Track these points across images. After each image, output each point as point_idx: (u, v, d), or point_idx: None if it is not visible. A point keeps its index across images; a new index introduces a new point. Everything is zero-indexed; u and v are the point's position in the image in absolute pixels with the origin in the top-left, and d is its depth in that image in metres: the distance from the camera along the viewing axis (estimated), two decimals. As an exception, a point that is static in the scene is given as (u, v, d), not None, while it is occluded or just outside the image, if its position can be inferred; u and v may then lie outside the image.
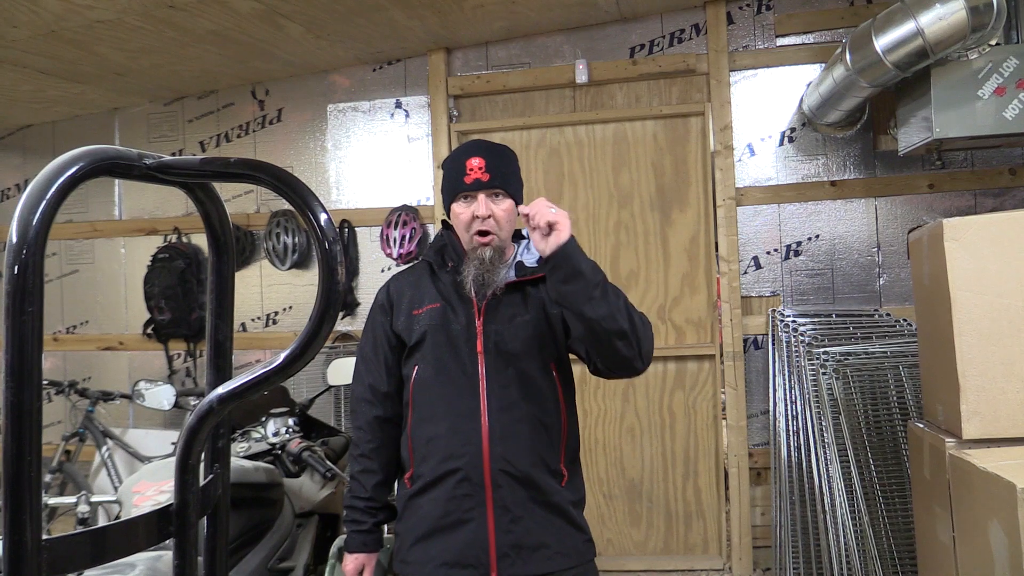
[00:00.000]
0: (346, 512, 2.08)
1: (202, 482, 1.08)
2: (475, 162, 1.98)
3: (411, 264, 2.24)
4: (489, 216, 1.98)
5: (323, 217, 0.92)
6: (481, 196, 1.98)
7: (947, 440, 2.10)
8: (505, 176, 2.02)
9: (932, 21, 2.79)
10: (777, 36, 4.05)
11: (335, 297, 0.91)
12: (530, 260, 2.08)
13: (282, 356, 0.92)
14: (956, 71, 3.02)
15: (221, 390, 0.96)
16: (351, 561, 2.05)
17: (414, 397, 2.02)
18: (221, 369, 1.14)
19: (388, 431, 2.07)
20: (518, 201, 2.04)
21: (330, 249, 0.91)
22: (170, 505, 0.98)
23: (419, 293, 2.07)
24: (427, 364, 2.00)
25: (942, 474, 2.12)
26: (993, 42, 2.98)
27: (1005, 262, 2.05)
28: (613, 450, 4.19)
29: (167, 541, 1.00)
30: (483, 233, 1.99)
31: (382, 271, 4.38)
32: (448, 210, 2.08)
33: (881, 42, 2.92)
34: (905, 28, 2.84)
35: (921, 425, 2.35)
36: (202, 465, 1.10)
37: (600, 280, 1.83)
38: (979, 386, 2.04)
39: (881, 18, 2.95)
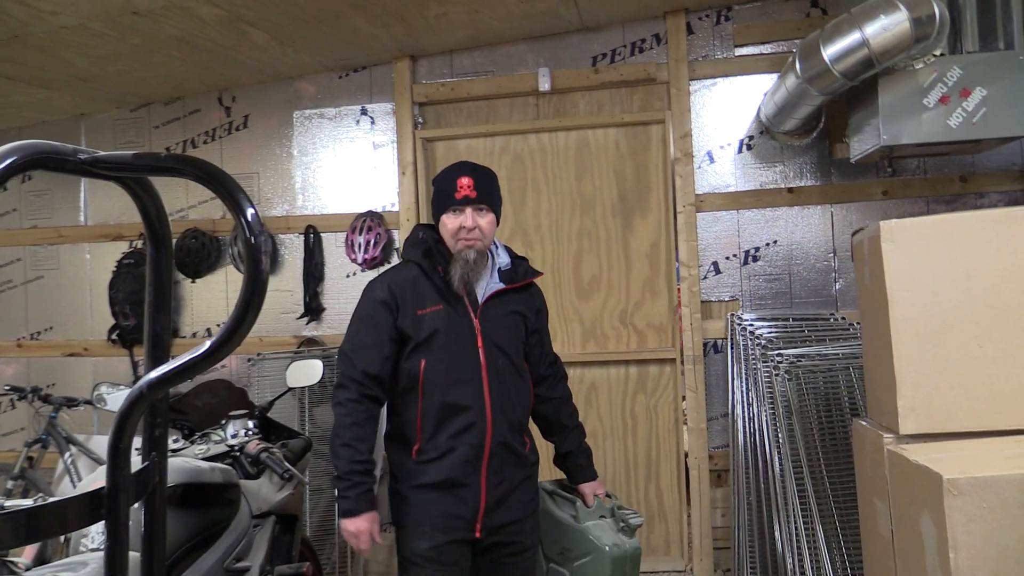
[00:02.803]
0: (346, 478, 2.26)
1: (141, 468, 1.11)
2: (465, 181, 2.34)
3: (399, 263, 2.48)
4: (475, 227, 2.33)
5: (250, 212, 0.97)
6: (469, 210, 2.33)
7: (885, 436, 2.16)
8: (489, 194, 2.39)
9: (877, 32, 2.87)
10: (736, 46, 4.13)
11: (260, 286, 0.96)
12: (503, 264, 2.48)
13: (208, 343, 0.96)
14: (902, 80, 3.11)
15: (151, 375, 1.00)
16: (365, 520, 2.27)
17: (425, 385, 2.31)
18: (159, 360, 1.17)
19: (373, 407, 2.34)
20: (498, 216, 2.44)
21: (255, 242, 0.96)
22: (102, 488, 1.01)
23: (420, 294, 2.34)
24: (436, 358, 2.31)
25: (881, 469, 2.19)
26: (937, 52, 3.07)
27: (939, 263, 2.12)
28: (576, 453, 4.23)
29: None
30: (468, 240, 2.34)
31: (347, 276, 4.41)
32: (437, 220, 2.41)
33: (828, 52, 3.00)
34: (851, 38, 2.92)
35: (864, 423, 2.41)
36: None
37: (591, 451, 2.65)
38: (915, 383, 2.11)
39: (829, 28, 3.03)
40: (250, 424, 2.85)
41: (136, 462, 1.10)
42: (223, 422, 2.87)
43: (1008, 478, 1.69)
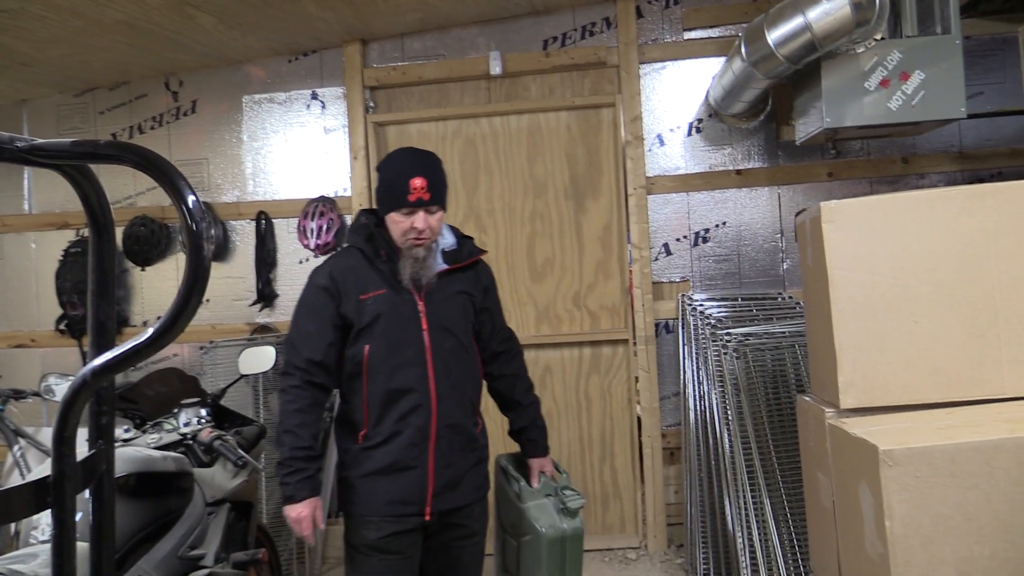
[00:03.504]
0: (287, 464, 2.24)
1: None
2: (418, 183, 2.26)
3: (341, 250, 2.45)
4: (426, 228, 2.29)
5: (190, 199, 0.96)
6: (421, 213, 2.28)
7: (827, 410, 2.23)
8: (441, 192, 2.34)
9: (819, 16, 2.93)
10: (684, 30, 4.18)
11: (202, 273, 0.96)
12: (447, 245, 2.44)
13: (151, 330, 0.96)
14: (844, 64, 3.18)
15: (95, 363, 1.00)
16: (306, 506, 2.24)
17: (369, 370, 2.29)
18: (103, 348, 1.17)
19: (319, 394, 2.32)
20: (446, 208, 2.39)
21: (197, 229, 0.96)
22: (47, 477, 1.01)
23: (362, 279, 2.32)
24: (379, 342, 2.29)
25: (823, 442, 2.25)
26: (878, 36, 3.14)
27: (877, 242, 2.18)
28: (532, 435, 4.27)
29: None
30: (419, 240, 2.30)
31: (300, 262, 4.38)
32: (384, 212, 2.34)
33: (773, 36, 3.05)
34: (795, 23, 2.98)
35: (808, 398, 2.48)
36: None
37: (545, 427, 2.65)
38: (854, 359, 2.17)
39: (773, 13, 3.09)
40: (203, 412, 2.83)
41: (85, 451, 1.10)
42: (175, 411, 2.85)
43: (940, 448, 1.76)
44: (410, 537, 2.33)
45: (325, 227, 4.22)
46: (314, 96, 4.43)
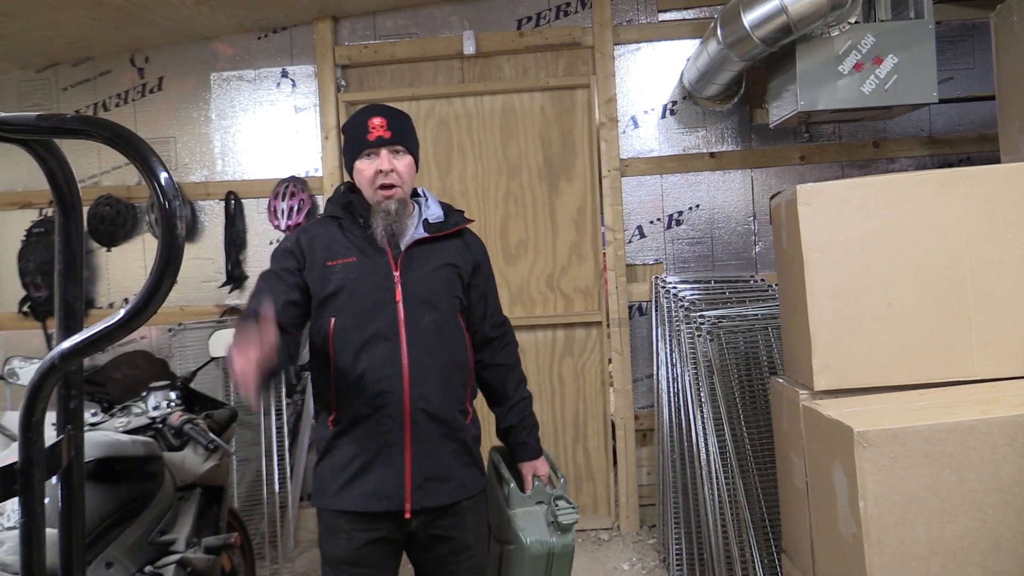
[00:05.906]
0: (238, 324, 1.86)
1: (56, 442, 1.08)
2: (377, 121, 2.15)
3: (318, 219, 2.29)
4: (392, 170, 2.15)
5: (163, 176, 0.94)
6: (384, 152, 2.15)
7: (801, 392, 2.25)
8: (404, 134, 2.20)
9: (795, -1, 2.93)
10: (659, 11, 4.17)
11: (175, 253, 0.93)
12: (433, 216, 2.25)
13: (122, 312, 0.93)
14: (819, 47, 3.18)
15: (64, 346, 0.97)
16: (241, 351, 1.73)
17: (335, 345, 2.11)
18: (71, 330, 1.14)
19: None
20: (416, 158, 2.25)
21: (170, 207, 0.93)
22: (14, 463, 0.98)
23: (332, 246, 2.16)
24: (345, 315, 2.10)
25: (797, 424, 2.27)
26: (852, 20, 3.14)
27: (852, 225, 2.19)
28: (505, 417, 4.27)
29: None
30: (387, 187, 2.15)
31: (270, 243, 4.32)
32: (351, 170, 2.22)
33: (748, 18, 3.05)
34: (770, 5, 2.97)
35: (781, 380, 2.50)
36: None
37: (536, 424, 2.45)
38: (828, 341, 2.19)
39: (749, -5, 3.08)
40: (172, 395, 2.79)
41: (52, 436, 1.07)
42: (144, 394, 2.81)
43: (913, 429, 1.78)
44: (386, 547, 2.13)
45: (296, 207, 4.17)
46: (284, 74, 4.36)
